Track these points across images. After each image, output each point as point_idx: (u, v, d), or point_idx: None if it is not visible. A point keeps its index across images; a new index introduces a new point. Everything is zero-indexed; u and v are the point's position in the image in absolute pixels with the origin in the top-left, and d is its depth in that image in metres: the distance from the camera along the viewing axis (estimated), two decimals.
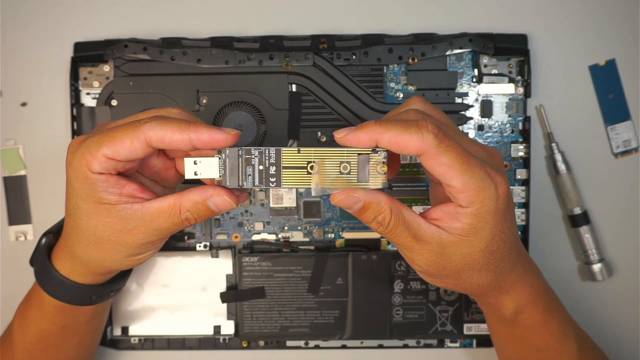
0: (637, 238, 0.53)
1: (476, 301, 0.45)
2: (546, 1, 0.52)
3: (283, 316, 0.52)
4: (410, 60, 0.50)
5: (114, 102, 0.51)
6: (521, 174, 0.51)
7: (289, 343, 0.53)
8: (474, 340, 0.53)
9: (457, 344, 0.53)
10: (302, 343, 0.53)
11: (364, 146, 0.35)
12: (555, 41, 0.52)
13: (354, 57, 0.50)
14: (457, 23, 0.52)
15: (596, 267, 0.52)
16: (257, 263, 0.52)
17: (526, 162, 0.51)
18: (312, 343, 0.53)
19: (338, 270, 0.52)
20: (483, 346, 0.53)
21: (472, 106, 0.51)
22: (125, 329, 0.53)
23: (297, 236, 0.52)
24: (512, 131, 0.52)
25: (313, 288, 0.52)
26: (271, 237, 0.52)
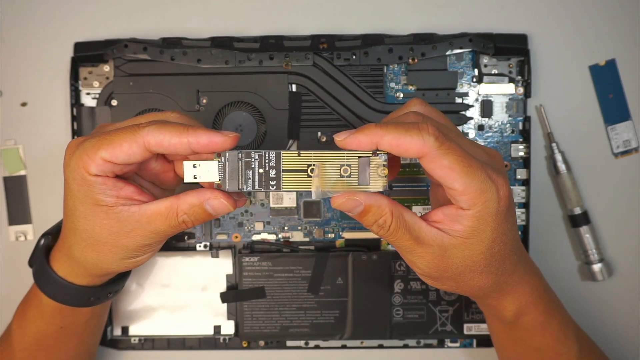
0: (637, 238, 0.53)
1: (477, 303, 0.45)
2: (546, 1, 0.52)
3: (283, 316, 0.52)
4: (410, 60, 0.50)
5: (114, 102, 0.51)
6: (521, 174, 0.51)
7: (289, 343, 0.53)
8: (474, 340, 0.53)
9: (457, 344, 0.53)
10: (302, 343, 0.53)
11: (365, 149, 0.35)
12: (555, 41, 0.52)
13: (354, 57, 0.50)
14: (457, 23, 0.52)
15: (596, 267, 0.52)
16: (257, 263, 0.52)
17: (526, 162, 0.51)
18: (312, 343, 0.53)
19: (338, 270, 0.52)
20: (483, 346, 0.53)
21: (472, 106, 0.51)
22: (125, 329, 0.53)
23: (297, 236, 0.52)
24: (512, 131, 0.52)
25: (313, 288, 0.52)
26: (271, 237, 0.52)
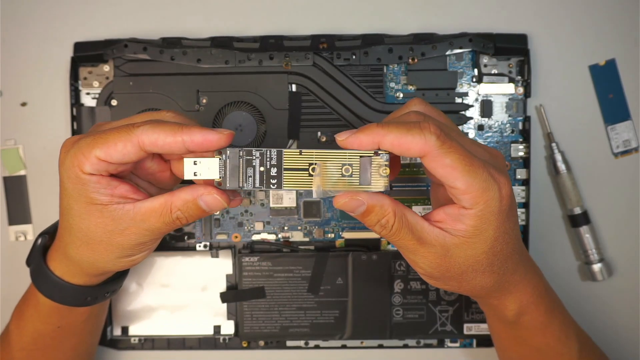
0: (637, 238, 0.53)
1: (478, 302, 0.45)
2: (546, 1, 0.52)
3: (283, 316, 0.52)
4: (410, 60, 0.50)
5: (114, 102, 0.51)
6: (521, 174, 0.51)
7: (289, 343, 0.53)
8: (474, 340, 0.53)
9: (457, 344, 0.53)
10: (302, 343, 0.53)
11: (366, 149, 0.35)
12: (555, 41, 0.52)
13: (354, 57, 0.50)
14: (457, 23, 0.52)
15: (596, 267, 0.52)
16: (257, 263, 0.52)
17: (526, 162, 0.51)
18: (312, 343, 0.53)
19: (338, 270, 0.52)
20: (483, 346, 0.53)
21: (472, 106, 0.51)
22: (125, 329, 0.53)
23: (297, 236, 0.52)
24: (512, 131, 0.52)
25: (313, 288, 0.52)
26: (271, 237, 0.52)
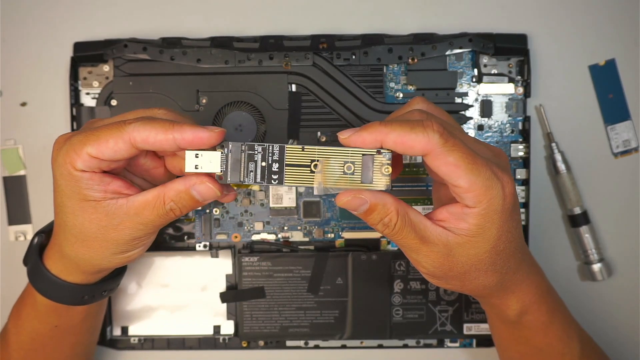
0: (637, 238, 0.53)
1: (480, 302, 0.44)
2: (546, 1, 0.52)
3: (283, 316, 0.52)
4: (410, 60, 0.50)
5: (114, 102, 0.51)
6: (521, 174, 0.51)
7: (289, 343, 0.53)
8: (474, 340, 0.53)
9: (457, 344, 0.53)
10: (302, 343, 0.53)
11: (369, 147, 0.35)
12: (555, 41, 0.52)
13: (354, 57, 0.50)
14: (457, 23, 0.52)
15: (596, 267, 0.52)
16: (257, 263, 0.52)
17: (526, 162, 0.51)
18: (312, 343, 0.53)
19: (338, 270, 0.52)
20: (483, 346, 0.53)
21: (472, 106, 0.51)
22: (124, 329, 0.53)
23: (297, 236, 0.52)
24: (512, 131, 0.52)
25: (313, 288, 0.52)
26: (271, 237, 0.52)
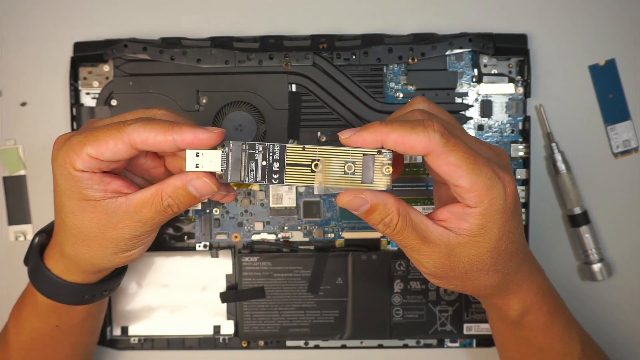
0: (637, 238, 0.53)
1: (481, 302, 0.44)
2: (546, 1, 0.52)
3: (283, 316, 0.52)
4: (410, 60, 0.50)
5: (114, 102, 0.51)
6: (521, 174, 0.51)
7: (289, 343, 0.53)
8: (474, 340, 0.53)
9: (457, 344, 0.53)
10: (302, 343, 0.53)
11: (369, 147, 0.35)
12: (555, 41, 0.52)
13: (354, 57, 0.50)
14: (457, 23, 0.52)
15: (596, 267, 0.52)
16: (257, 263, 0.52)
17: (526, 162, 0.51)
18: (312, 343, 0.53)
19: (338, 270, 0.52)
20: (483, 346, 0.53)
21: (472, 106, 0.51)
22: (124, 329, 0.53)
23: (297, 236, 0.52)
24: (512, 131, 0.52)
25: (313, 288, 0.52)
26: (271, 237, 0.52)
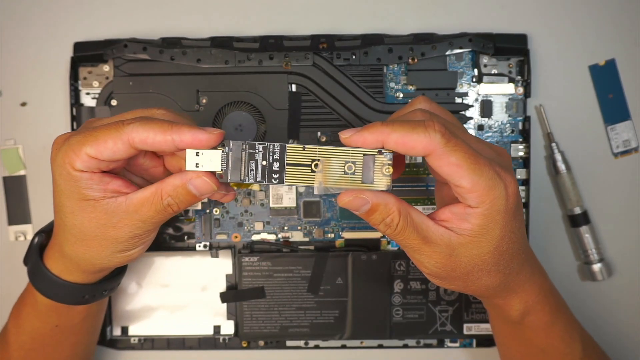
0: (637, 238, 0.53)
1: (482, 302, 0.44)
2: (546, 1, 0.52)
3: (283, 316, 0.52)
4: (410, 60, 0.50)
5: (114, 102, 0.51)
6: (521, 174, 0.51)
7: (289, 343, 0.53)
8: (474, 340, 0.53)
9: (457, 344, 0.53)
10: (302, 343, 0.53)
11: (370, 147, 0.35)
12: (555, 41, 0.52)
13: (354, 57, 0.50)
14: (457, 23, 0.52)
15: (596, 267, 0.52)
16: (257, 263, 0.52)
17: (526, 162, 0.51)
18: (312, 343, 0.53)
19: (338, 270, 0.52)
20: (483, 346, 0.53)
21: (472, 106, 0.51)
22: (124, 329, 0.53)
23: (297, 236, 0.52)
24: (512, 131, 0.52)
25: (313, 288, 0.52)
26: (271, 237, 0.52)
